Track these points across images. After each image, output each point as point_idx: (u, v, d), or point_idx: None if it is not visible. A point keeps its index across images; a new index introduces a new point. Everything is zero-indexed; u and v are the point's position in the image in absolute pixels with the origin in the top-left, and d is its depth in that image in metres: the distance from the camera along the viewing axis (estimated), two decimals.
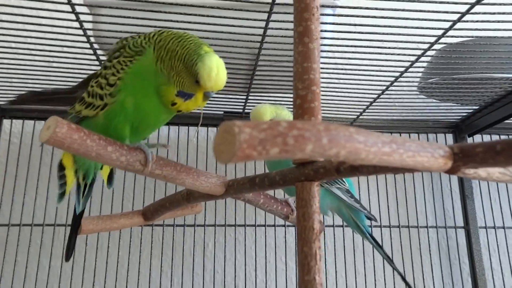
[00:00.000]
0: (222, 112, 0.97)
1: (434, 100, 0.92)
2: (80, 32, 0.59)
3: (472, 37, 0.68)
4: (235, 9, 0.56)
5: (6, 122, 0.97)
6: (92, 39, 0.61)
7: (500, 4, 0.54)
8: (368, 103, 0.90)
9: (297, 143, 0.22)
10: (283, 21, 0.56)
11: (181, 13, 0.57)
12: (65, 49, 0.65)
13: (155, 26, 0.59)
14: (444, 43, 0.69)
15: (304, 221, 0.42)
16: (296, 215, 0.41)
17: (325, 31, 0.62)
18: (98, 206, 0.95)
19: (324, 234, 1.00)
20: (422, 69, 0.80)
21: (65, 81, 0.77)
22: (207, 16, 0.57)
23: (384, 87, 0.81)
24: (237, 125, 0.21)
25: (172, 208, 0.58)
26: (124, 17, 0.56)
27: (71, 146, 0.35)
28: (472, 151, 0.32)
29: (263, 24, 0.57)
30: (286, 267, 0.99)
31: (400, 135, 1.07)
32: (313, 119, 0.41)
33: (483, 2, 0.54)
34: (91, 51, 0.65)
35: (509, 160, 0.30)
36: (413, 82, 0.83)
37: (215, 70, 0.43)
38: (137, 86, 0.44)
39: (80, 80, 0.78)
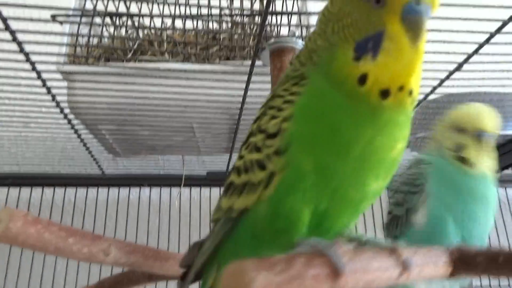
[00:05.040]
0: (206, 173, 0.95)
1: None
2: (54, 103, 0.58)
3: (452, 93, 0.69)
4: (216, 73, 0.55)
5: None
6: (66, 110, 0.60)
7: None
8: None
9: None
10: (261, 90, 0.56)
11: (161, 78, 0.57)
12: (40, 120, 0.64)
13: (133, 91, 0.58)
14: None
15: None
16: None
17: None
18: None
19: None
20: None
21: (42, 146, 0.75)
22: (188, 81, 0.56)
23: None
24: (251, 269, 0.19)
25: (131, 286, 0.53)
26: (101, 82, 0.55)
27: (26, 241, 0.32)
28: (473, 261, 0.30)
29: (241, 92, 0.57)
30: None
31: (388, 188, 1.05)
32: None
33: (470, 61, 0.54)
34: (65, 121, 0.64)
35: None
36: None
37: None
38: (318, 123, 0.27)
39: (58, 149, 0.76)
